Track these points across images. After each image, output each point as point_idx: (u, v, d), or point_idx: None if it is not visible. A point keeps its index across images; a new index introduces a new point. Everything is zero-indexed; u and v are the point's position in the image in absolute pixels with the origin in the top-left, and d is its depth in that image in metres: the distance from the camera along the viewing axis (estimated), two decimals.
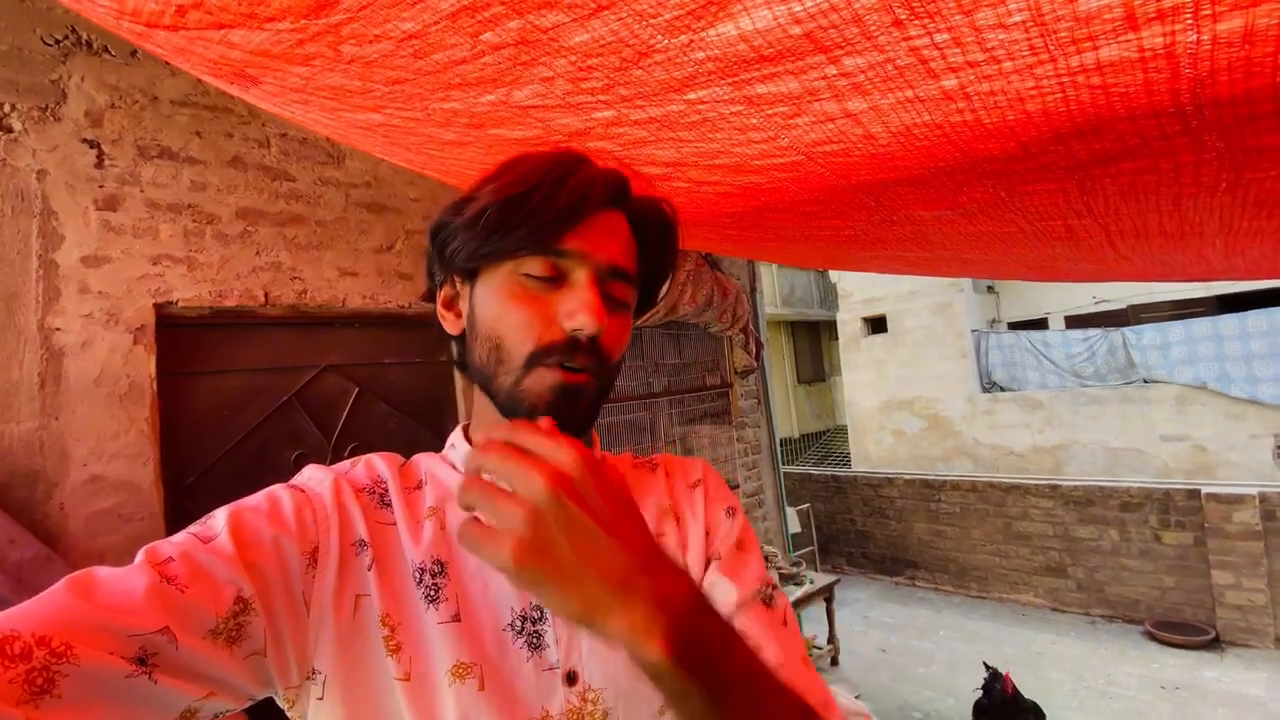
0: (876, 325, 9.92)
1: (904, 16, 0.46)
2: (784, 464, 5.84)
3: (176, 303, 2.00)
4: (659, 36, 0.50)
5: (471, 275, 0.55)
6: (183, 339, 2.06)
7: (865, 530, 6.23)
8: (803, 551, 5.06)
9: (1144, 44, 0.48)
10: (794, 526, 4.79)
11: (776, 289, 11.70)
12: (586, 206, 0.51)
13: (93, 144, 1.89)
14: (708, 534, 0.64)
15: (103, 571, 0.41)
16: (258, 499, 0.50)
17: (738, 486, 3.56)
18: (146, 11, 0.69)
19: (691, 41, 0.51)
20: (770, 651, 0.54)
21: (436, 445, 0.64)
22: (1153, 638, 4.43)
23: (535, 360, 0.51)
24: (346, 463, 0.58)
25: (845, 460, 10.39)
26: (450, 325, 0.59)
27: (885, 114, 0.63)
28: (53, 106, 1.84)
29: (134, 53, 1.98)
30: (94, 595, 0.39)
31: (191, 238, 2.04)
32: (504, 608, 0.52)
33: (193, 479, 2.08)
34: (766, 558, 4.02)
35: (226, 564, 0.43)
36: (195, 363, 2.10)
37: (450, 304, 0.58)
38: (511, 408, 0.52)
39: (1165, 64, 0.51)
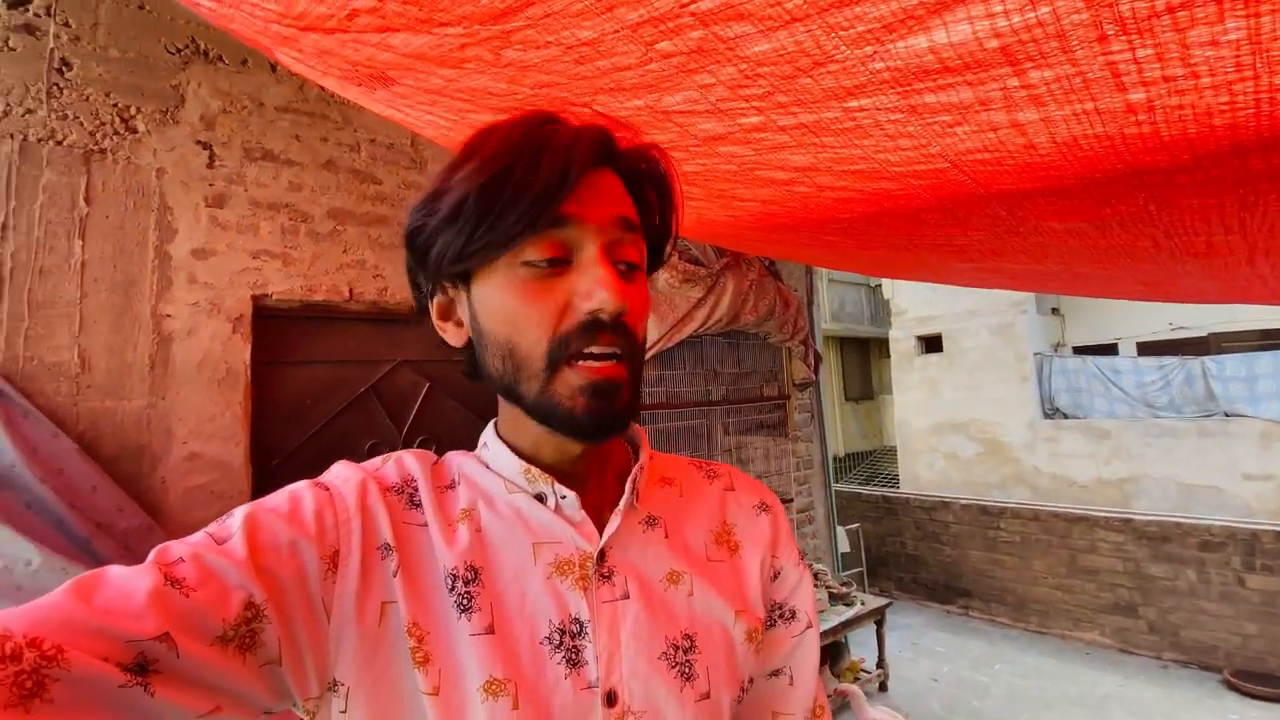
0: (931, 344, 9.63)
1: (1111, 32, 0.46)
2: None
3: (271, 295, 2.13)
4: (843, 48, 0.52)
5: (464, 278, 0.50)
6: (274, 329, 2.19)
7: (917, 554, 6.04)
8: (851, 572, 4.94)
9: None
10: (843, 546, 4.68)
11: (827, 304, 11.52)
12: (575, 167, 0.45)
13: (205, 145, 2.04)
14: (776, 575, 0.60)
15: (112, 572, 0.39)
16: (279, 498, 0.48)
17: (790, 500, 3.53)
18: (313, 15, 0.74)
19: (875, 53, 0.52)
20: None
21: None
22: (1232, 687, 4.14)
23: (556, 357, 0.47)
24: (377, 459, 0.55)
25: (893, 482, 10.09)
26: (452, 337, 0.54)
27: (1055, 125, 0.63)
28: (172, 110, 1.99)
29: (244, 61, 2.13)
30: (94, 597, 0.37)
31: (287, 235, 2.17)
32: (541, 619, 0.48)
33: (278, 461, 2.19)
34: (816, 575, 3.95)
35: (238, 568, 0.41)
36: (284, 352, 2.22)
37: (447, 314, 0.53)
38: (544, 416, 0.49)
39: None
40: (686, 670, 0.50)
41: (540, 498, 0.52)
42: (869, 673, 4.06)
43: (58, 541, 1.50)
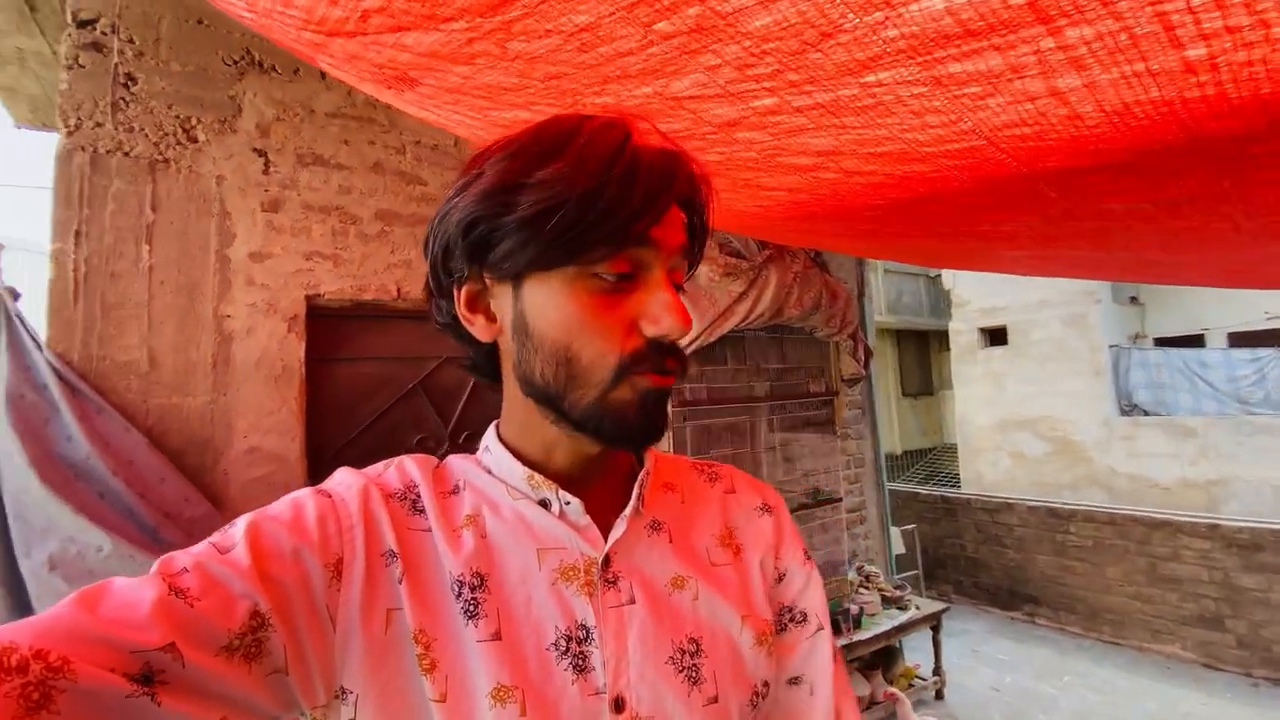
0: (995, 336, 9.21)
1: None
2: (888, 482, 5.52)
3: (323, 295, 2.20)
4: (850, 15, 0.48)
5: (516, 275, 0.48)
6: (327, 328, 2.27)
7: (978, 558, 5.78)
8: (906, 575, 4.78)
9: None
10: (897, 547, 4.52)
11: (882, 295, 11.14)
12: (667, 196, 0.46)
13: (261, 153, 2.13)
14: (781, 577, 0.60)
15: (116, 583, 0.39)
16: (281, 506, 0.47)
17: (840, 500, 3.42)
18: (332, 19, 0.75)
19: (887, 19, 0.48)
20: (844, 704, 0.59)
21: None
22: None
23: (625, 373, 0.47)
24: (380, 465, 0.55)
25: (953, 481, 9.71)
26: (481, 331, 0.52)
27: (1101, 91, 0.56)
28: (229, 119, 2.08)
29: (296, 70, 2.21)
30: (99, 608, 0.37)
31: (338, 236, 2.24)
32: (548, 625, 0.48)
33: (331, 455, 2.27)
34: (867, 577, 3.83)
35: (242, 577, 0.41)
36: (336, 350, 2.30)
37: (476, 305, 0.52)
38: (594, 425, 0.48)
39: None
40: (694, 675, 0.50)
41: (544, 504, 0.52)
42: (924, 679, 3.91)
43: (128, 529, 1.60)
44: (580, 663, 0.47)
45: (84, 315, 1.78)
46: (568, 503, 0.52)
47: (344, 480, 0.52)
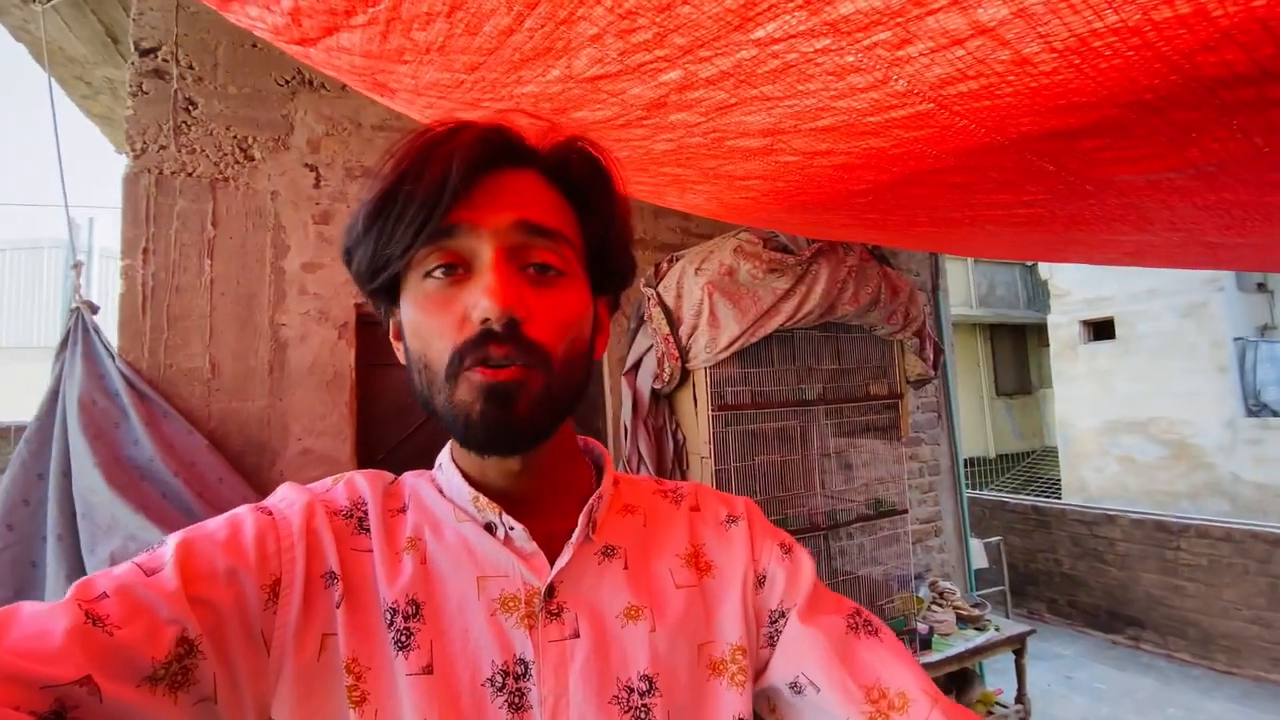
0: (1100, 330, 8.43)
1: None
2: (977, 488, 5.12)
3: None
4: None
5: (395, 297, 0.50)
6: (376, 335, 2.35)
7: (1074, 574, 5.28)
8: (989, 591, 4.43)
9: None
10: (979, 561, 4.20)
11: (971, 286, 10.44)
12: (458, 172, 0.44)
13: (312, 168, 2.22)
14: (761, 580, 0.56)
15: (25, 610, 0.36)
16: (217, 524, 0.46)
17: (904, 511, 3.21)
18: (280, 26, 0.74)
19: None
20: (907, 680, 0.51)
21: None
22: None
23: (455, 368, 0.45)
24: (328, 480, 0.54)
25: (1054, 488, 8.98)
26: (401, 354, 0.53)
27: (1041, 21, 0.44)
28: (283, 137, 2.19)
29: (343, 86, 2.29)
30: (4, 640, 0.34)
31: None
32: (484, 659, 0.46)
33: (381, 457, 2.36)
34: (942, 594, 3.57)
35: (169, 601, 0.38)
36: (386, 355, 2.36)
37: (399, 333, 0.52)
38: (455, 429, 0.47)
39: None
40: (643, 715, 0.47)
41: (490, 528, 0.50)
42: (1005, 706, 3.61)
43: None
44: (516, 700, 0.45)
45: (151, 326, 1.93)
46: (512, 528, 0.49)
47: (287, 496, 0.50)
